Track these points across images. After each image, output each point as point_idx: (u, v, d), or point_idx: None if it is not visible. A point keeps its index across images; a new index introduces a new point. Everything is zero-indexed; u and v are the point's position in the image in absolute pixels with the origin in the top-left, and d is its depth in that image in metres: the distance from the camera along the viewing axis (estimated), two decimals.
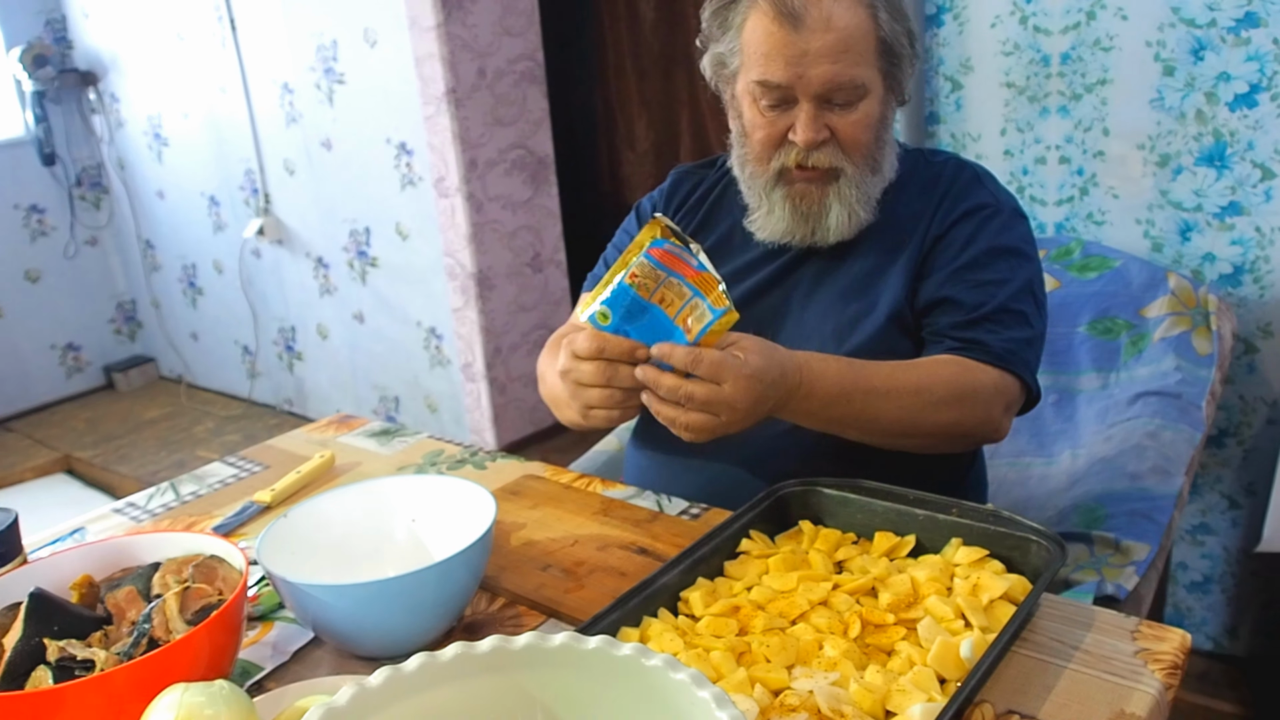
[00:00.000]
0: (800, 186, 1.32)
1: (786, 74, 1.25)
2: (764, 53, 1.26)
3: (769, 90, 1.27)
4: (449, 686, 0.75)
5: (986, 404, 1.24)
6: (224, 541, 1.00)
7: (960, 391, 1.22)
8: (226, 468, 1.52)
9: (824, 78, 1.24)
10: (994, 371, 1.25)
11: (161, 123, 4.13)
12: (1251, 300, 2.06)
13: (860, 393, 1.18)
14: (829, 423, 1.21)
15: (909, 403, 1.20)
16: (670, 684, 0.70)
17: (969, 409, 1.23)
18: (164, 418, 4.36)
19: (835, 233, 1.33)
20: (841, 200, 1.31)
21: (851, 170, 1.30)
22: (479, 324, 3.34)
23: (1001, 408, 1.26)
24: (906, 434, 1.23)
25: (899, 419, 1.20)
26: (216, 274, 4.26)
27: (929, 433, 1.23)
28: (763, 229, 1.37)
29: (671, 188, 1.53)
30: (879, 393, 1.19)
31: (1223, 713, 2.19)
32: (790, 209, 1.34)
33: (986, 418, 1.25)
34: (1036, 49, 2.13)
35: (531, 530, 1.23)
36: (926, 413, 1.20)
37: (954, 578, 1.00)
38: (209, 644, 0.89)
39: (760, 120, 1.31)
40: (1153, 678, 0.89)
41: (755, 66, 1.27)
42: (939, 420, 1.21)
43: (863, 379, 1.18)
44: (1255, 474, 2.16)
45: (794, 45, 1.23)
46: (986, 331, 1.28)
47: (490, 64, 3.16)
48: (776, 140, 1.31)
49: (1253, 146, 1.97)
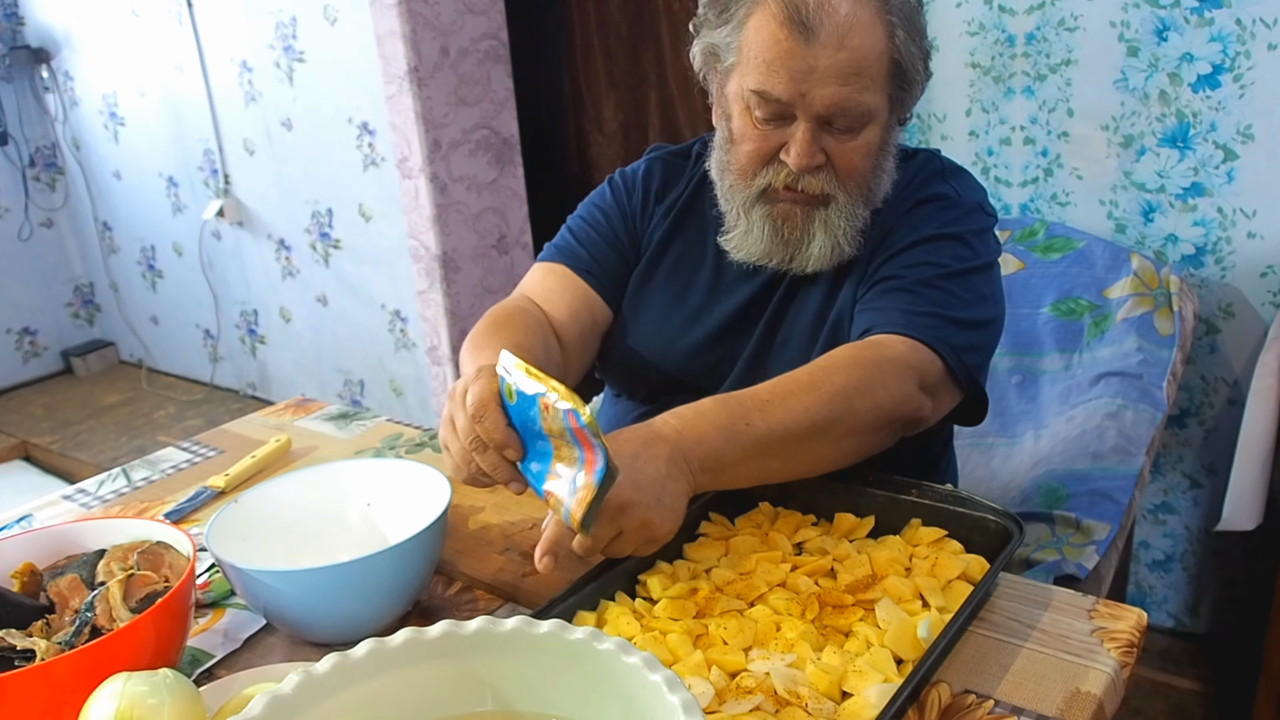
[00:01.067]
0: (784, 207, 1.22)
1: (789, 90, 1.13)
2: (766, 60, 1.13)
3: (766, 103, 1.15)
4: (399, 672, 0.73)
5: (898, 378, 1.09)
6: (171, 527, 0.98)
7: (863, 369, 1.08)
8: (180, 453, 1.49)
9: (829, 100, 1.13)
10: (900, 340, 1.13)
11: (117, 101, 4.06)
12: (1213, 281, 2.07)
13: (755, 410, 1.02)
14: (746, 459, 1.01)
15: (812, 400, 1.03)
16: (623, 667, 0.69)
17: (880, 387, 1.07)
18: (124, 403, 4.30)
19: (815, 263, 1.23)
20: (827, 230, 1.21)
21: (843, 199, 1.20)
22: (444, 307, 3.31)
23: (915, 382, 1.11)
24: (831, 436, 1.06)
25: (813, 422, 1.03)
26: (176, 256, 4.20)
27: (851, 427, 1.06)
28: (738, 249, 1.27)
29: (646, 175, 1.41)
30: (776, 400, 1.03)
31: (1184, 690, 2.21)
32: (770, 231, 1.23)
33: (903, 395, 1.09)
34: (1001, 29, 2.13)
35: (490, 514, 1.22)
36: (837, 404, 1.04)
37: (913, 558, 1.00)
38: (154, 632, 0.87)
39: (751, 132, 1.19)
40: (1109, 656, 0.88)
41: (755, 73, 1.15)
42: (854, 408, 1.05)
43: (747, 397, 1.04)
44: (1216, 454, 2.18)
45: (801, 59, 1.11)
46: (901, 301, 1.17)
47: (453, 42, 3.12)
48: (766, 157, 1.20)
49: (1215, 128, 1.97)
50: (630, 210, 1.40)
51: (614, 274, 1.38)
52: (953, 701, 0.85)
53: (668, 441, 0.96)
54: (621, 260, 1.38)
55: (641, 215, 1.40)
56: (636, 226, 1.39)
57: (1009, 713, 0.83)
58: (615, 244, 1.38)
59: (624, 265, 1.39)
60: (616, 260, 1.38)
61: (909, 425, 1.15)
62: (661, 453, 0.95)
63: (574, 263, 1.36)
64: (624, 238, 1.39)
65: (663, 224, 1.38)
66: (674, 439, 0.97)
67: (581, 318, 1.34)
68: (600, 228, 1.39)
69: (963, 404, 1.22)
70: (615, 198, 1.41)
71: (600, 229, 1.39)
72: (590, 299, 1.35)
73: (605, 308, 1.37)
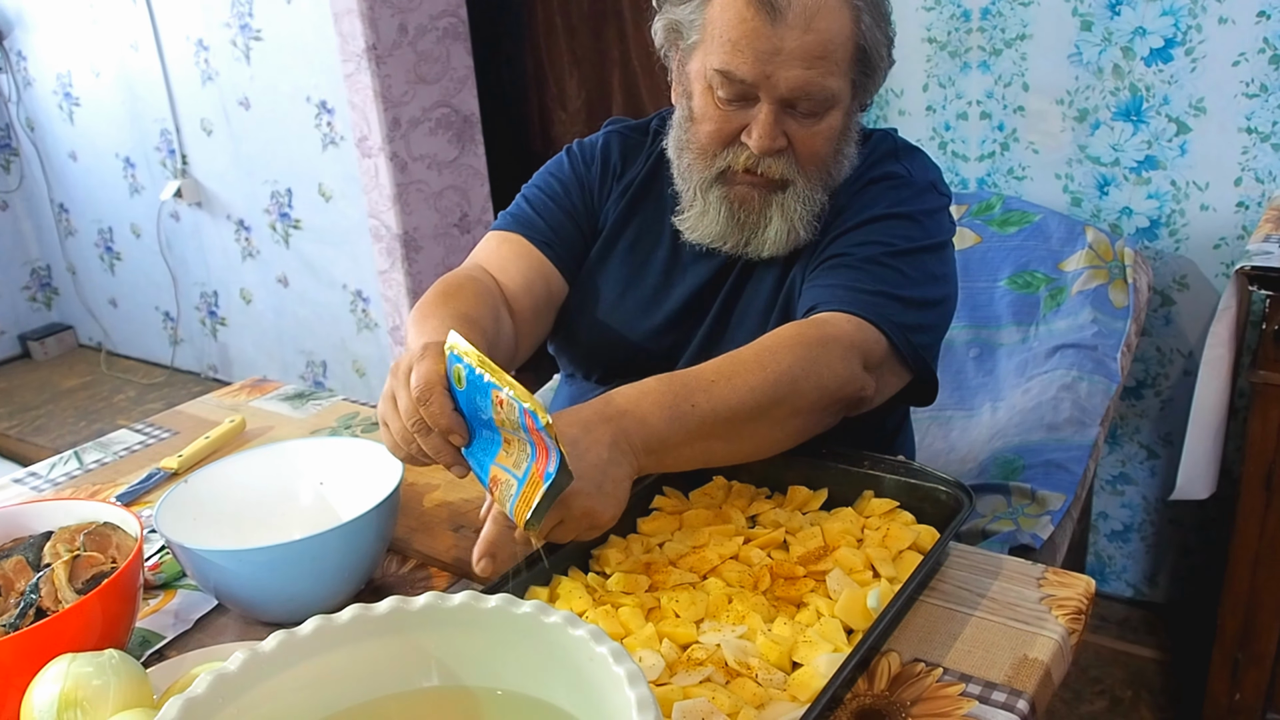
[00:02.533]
0: (742, 190, 1.21)
1: (753, 71, 1.11)
2: (732, 40, 1.12)
3: (730, 83, 1.14)
4: (347, 649, 0.73)
5: (843, 357, 1.07)
6: (119, 508, 0.97)
7: (807, 348, 1.05)
8: (133, 434, 1.47)
9: (793, 83, 1.12)
10: (846, 318, 1.12)
11: (72, 81, 3.99)
12: (1168, 253, 2.09)
13: (699, 390, 0.99)
14: (690, 441, 0.98)
15: (757, 380, 1.01)
16: (570, 640, 0.69)
17: (825, 367, 1.05)
18: (82, 387, 4.25)
19: (770, 247, 1.22)
20: (784, 214, 1.20)
21: (802, 184, 1.19)
22: (406, 286, 3.29)
23: (859, 361, 1.09)
24: (775, 417, 1.03)
25: (758, 403, 1.01)
26: (134, 238, 4.14)
27: (795, 408, 1.04)
28: (693, 230, 1.25)
29: (605, 149, 1.39)
30: (721, 380, 1.00)
31: (1143, 658, 2.24)
32: (727, 213, 1.22)
33: (848, 374, 1.07)
34: (957, 4, 2.13)
35: (445, 491, 1.21)
36: (783, 385, 1.02)
37: (865, 529, 1.00)
38: (101, 613, 0.86)
39: (713, 112, 1.17)
40: (1056, 623, 0.89)
41: (719, 52, 1.13)
42: (800, 389, 1.03)
43: (691, 377, 1.01)
44: (1172, 424, 2.21)
45: (767, 39, 1.10)
46: (846, 278, 1.16)
47: (411, 20, 3.09)
48: (727, 138, 1.18)
49: (1168, 101, 1.99)
50: (589, 183, 1.38)
51: (571, 246, 1.35)
52: (902, 670, 0.86)
53: (611, 424, 0.93)
54: (579, 232, 1.36)
55: (600, 189, 1.38)
56: (594, 200, 1.38)
57: (957, 680, 0.84)
58: (572, 215, 1.36)
59: (581, 237, 1.37)
60: (574, 232, 1.36)
61: (852, 405, 1.13)
62: (604, 437, 0.92)
63: (530, 233, 1.33)
64: (581, 210, 1.37)
65: (620, 201, 1.37)
66: (617, 420, 0.94)
67: (536, 289, 1.31)
68: (558, 198, 1.36)
69: (912, 384, 1.21)
70: (574, 169, 1.39)
71: (558, 199, 1.36)
72: (546, 270, 1.33)
73: (561, 280, 1.35)
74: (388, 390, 0.94)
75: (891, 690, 0.83)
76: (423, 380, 0.88)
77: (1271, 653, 1.74)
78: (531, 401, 0.80)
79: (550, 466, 0.82)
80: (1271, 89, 1.89)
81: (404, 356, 0.93)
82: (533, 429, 0.81)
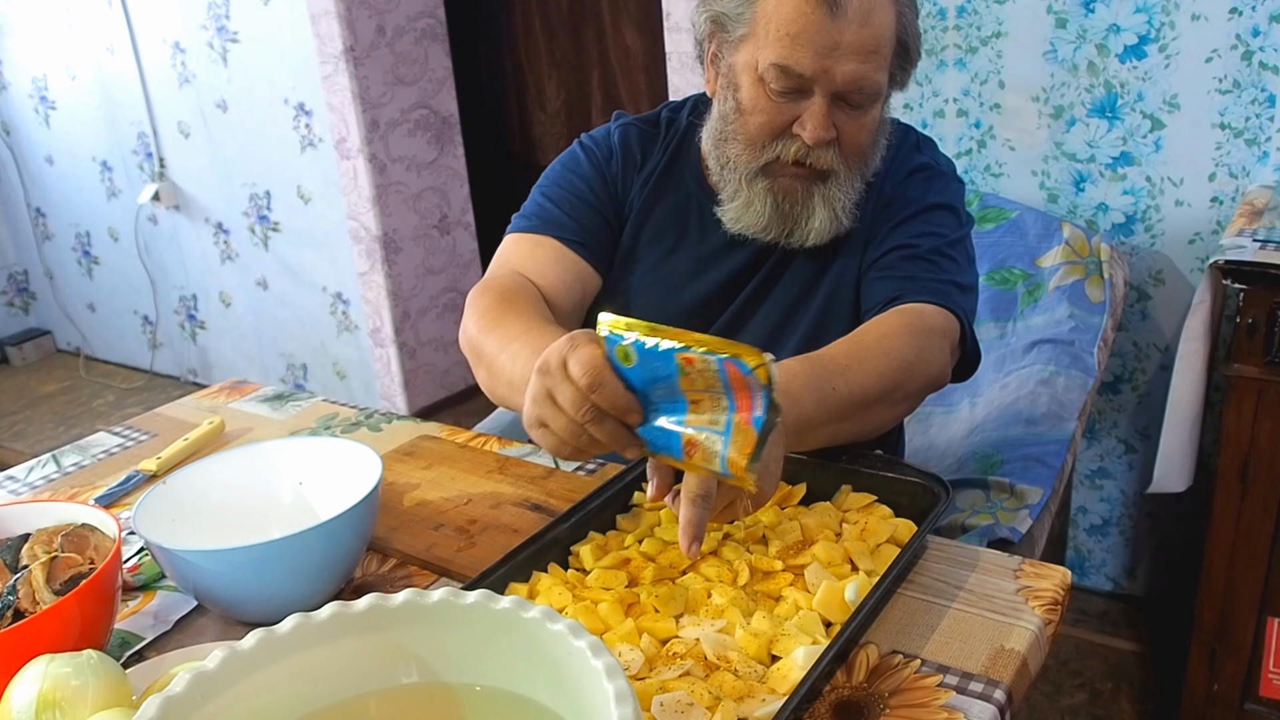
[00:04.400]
0: (786, 182, 1.22)
1: (813, 65, 1.12)
2: (791, 34, 1.12)
3: (786, 76, 1.14)
4: (326, 647, 0.73)
5: (941, 347, 1.16)
6: (97, 510, 0.97)
7: (919, 337, 1.13)
8: (112, 437, 1.47)
9: (849, 76, 1.13)
10: (936, 310, 1.18)
11: (48, 84, 3.97)
12: (1144, 249, 2.10)
13: (837, 374, 1.04)
14: (828, 422, 1.03)
15: (885, 365, 1.08)
16: (548, 635, 0.69)
17: (932, 356, 1.13)
18: (61, 392, 4.23)
19: (815, 236, 1.24)
20: (827, 203, 1.22)
21: (844, 173, 1.22)
22: (386, 288, 3.29)
23: (949, 351, 1.18)
24: (892, 401, 1.10)
25: (884, 388, 1.07)
26: (112, 242, 4.12)
27: (908, 392, 1.12)
28: (737, 221, 1.26)
29: (623, 141, 1.38)
30: (854, 365, 1.06)
31: (1122, 650, 2.26)
32: (772, 205, 1.23)
33: (944, 363, 1.16)
34: (933, 2, 2.14)
35: (425, 490, 1.21)
36: (902, 370, 1.09)
37: (843, 523, 1.01)
38: (79, 615, 0.86)
39: (765, 104, 1.18)
40: (1033, 614, 0.90)
41: (776, 46, 1.13)
42: (915, 374, 1.11)
43: (828, 360, 1.06)
44: (1149, 418, 2.22)
45: (828, 34, 1.11)
46: (922, 270, 1.22)
47: (389, 21, 3.09)
48: (779, 130, 1.19)
49: (1142, 97, 2.00)
50: (610, 176, 1.37)
51: (603, 241, 1.35)
52: (880, 662, 0.86)
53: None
54: (607, 227, 1.35)
55: (622, 182, 1.37)
56: (618, 192, 1.37)
57: (935, 671, 0.85)
58: (599, 210, 1.35)
59: (609, 231, 1.36)
60: (603, 227, 1.35)
61: (936, 391, 1.20)
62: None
63: (562, 233, 1.32)
64: (608, 204, 1.36)
65: (642, 193, 1.36)
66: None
67: (574, 291, 1.31)
68: (583, 194, 1.35)
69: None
70: (593, 164, 1.37)
71: (583, 196, 1.35)
72: (582, 270, 1.32)
73: (595, 276, 1.34)
74: (539, 392, 0.90)
75: (870, 682, 0.84)
76: (590, 367, 0.85)
77: (1248, 644, 1.75)
78: (734, 348, 0.78)
79: (758, 411, 0.80)
80: (1244, 85, 1.90)
81: (549, 353, 0.89)
82: (735, 377, 0.79)
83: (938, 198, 1.29)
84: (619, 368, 0.85)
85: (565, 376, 0.86)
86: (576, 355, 0.85)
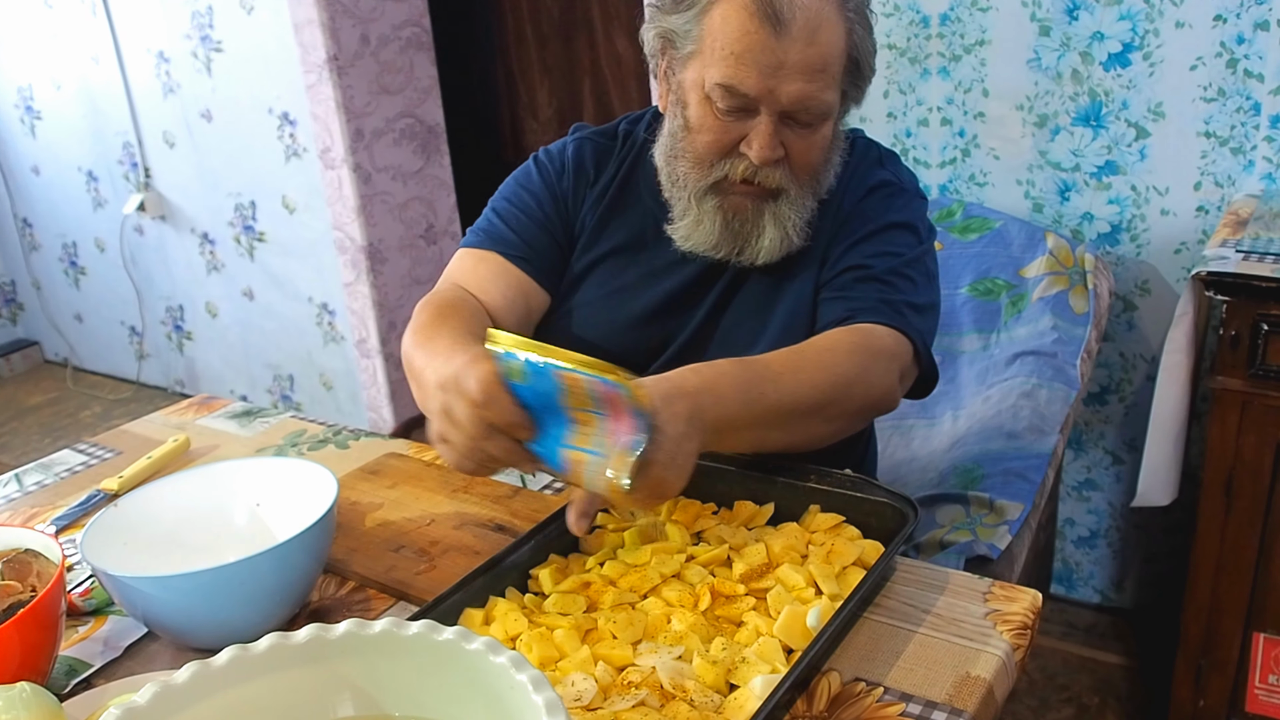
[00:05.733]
0: (736, 200, 1.21)
1: (757, 85, 1.11)
2: (735, 53, 1.11)
3: (732, 96, 1.13)
4: (264, 679, 0.71)
5: (886, 369, 1.14)
6: (40, 534, 0.94)
7: (861, 356, 1.12)
8: (75, 455, 1.44)
9: (795, 95, 1.12)
10: (887, 331, 1.16)
11: (33, 95, 3.95)
12: (1129, 259, 2.08)
13: (769, 380, 1.03)
14: (753, 426, 1.03)
15: (820, 378, 1.07)
16: (491, 667, 0.67)
17: (874, 377, 1.12)
18: (48, 403, 4.20)
19: (765, 255, 1.23)
20: (778, 222, 1.21)
21: (795, 192, 1.20)
22: (372, 298, 3.26)
23: (898, 374, 1.16)
24: (826, 416, 1.09)
25: (816, 400, 1.06)
26: (99, 252, 4.10)
27: (843, 409, 1.10)
28: (687, 239, 1.25)
29: (577, 156, 1.37)
30: (788, 373, 1.05)
31: (1110, 664, 2.24)
32: (721, 223, 1.22)
33: (888, 386, 1.14)
34: (916, 10, 2.12)
35: (388, 510, 1.19)
36: (839, 386, 1.08)
37: (810, 544, 0.98)
38: (19, 643, 0.83)
39: (713, 123, 1.17)
40: (1000, 639, 0.88)
41: (721, 65, 1.12)
42: (852, 393, 1.09)
43: (761, 365, 1.05)
44: (1136, 430, 2.20)
45: (772, 53, 1.10)
46: (877, 291, 1.20)
47: (373, 30, 3.07)
48: (726, 148, 1.18)
49: (1127, 106, 1.98)
50: (561, 192, 1.35)
51: (548, 258, 1.34)
52: (842, 690, 0.84)
53: (689, 399, 0.95)
54: (554, 243, 1.34)
55: (574, 197, 1.36)
56: (568, 209, 1.35)
57: (897, 699, 0.82)
58: (547, 227, 1.34)
59: (557, 248, 1.34)
60: (549, 244, 1.34)
61: (881, 413, 1.20)
62: (682, 411, 0.93)
63: (506, 249, 1.31)
64: (556, 220, 1.34)
65: (596, 208, 1.35)
66: (695, 396, 0.96)
67: (517, 306, 1.30)
68: (530, 211, 1.34)
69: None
70: (544, 179, 1.36)
71: (530, 212, 1.34)
72: (525, 285, 1.31)
73: (541, 293, 1.33)
74: (439, 408, 0.93)
75: (830, 711, 0.82)
76: (481, 382, 0.88)
77: (1235, 659, 1.73)
78: (606, 369, 0.83)
79: (635, 434, 0.84)
80: (1229, 93, 1.88)
81: (446, 371, 0.92)
82: (612, 398, 0.83)
83: (897, 216, 1.26)
84: (512, 385, 0.88)
85: (462, 393, 0.89)
86: (471, 371, 0.88)
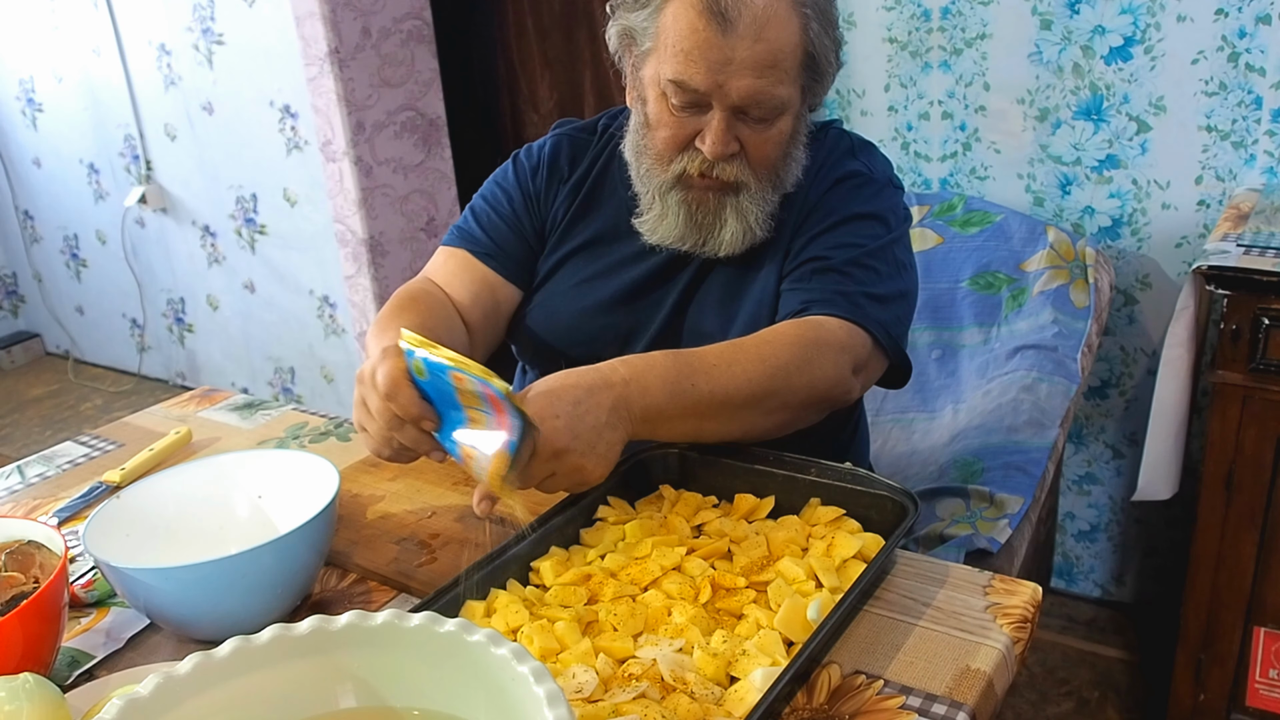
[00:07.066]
0: (698, 194, 1.23)
1: (706, 80, 1.14)
2: (684, 50, 1.14)
3: (683, 91, 1.16)
4: (266, 670, 0.71)
5: (835, 361, 1.14)
6: (43, 526, 0.95)
7: (803, 347, 1.11)
8: (77, 447, 1.45)
9: (745, 91, 1.14)
10: (839, 324, 1.16)
11: (34, 87, 3.94)
12: (1130, 252, 2.08)
13: (701, 372, 1.05)
14: (684, 417, 1.05)
15: (756, 371, 1.07)
16: (492, 659, 0.67)
17: (818, 368, 1.12)
18: (49, 395, 4.20)
19: (727, 247, 1.25)
20: (739, 215, 1.23)
21: (755, 186, 1.22)
22: (372, 292, 3.26)
23: (850, 365, 1.16)
24: (766, 408, 1.10)
25: (752, 392, 1.07)
26: (100, 245, 4.10)
27: (785, 401, 1.10)
28: (653, 231, 1.28)
29: (553, 153, 1.40)
30: (722, 366, 1.07)
31: (1110, 658, 2.24)
32: (685, 216, 1.24)
33: (837, 377, 1.14)
34: (917, 3, 2.12)
35: (390, 503, 1.19)
36: (777, 378, 1.08)
37: (810, 538, 0.99)
38: (21, 635, 0.84)
39: (668, 119, 1.20)
40: (1000, 632, 0.88)
41: (672, 62, 1.15)
42: (792, 384, 1.09)
43: (695, 358, 1.07)
44: (1137, 424, 2.20)
45: (719, 49, 1.12)
46: (833, 282, 1.21)
47: (375, 23, 3.07)
48: (682, 143, 1.21)
49: (1128, 99, 1.98)
50: (534, 190, 1.39)
51: (515, 255, 1.38)
52: (842, 683, 0.84)
53: (613, 390, 0.99)
54: (522, 241, 1.38)
55: (545, 194, 1.39)
56: (540, 206, 1.39)
57: (898, 692, 0.82)
58: (515, 225, 1.38)
59: (525, 246, 1.39)
60: (516, 242, 1.38)
61: (836, 405, 1.19)
62: (605, 401, 0.97)
63: (473, 247, 1.37)
64: (525, 218, 1.39)
65: (570, 201, 1.38)
66: (620, 388, 0.99)
67: (483, 300, 1.35)
68: (501, 209, 1.39)
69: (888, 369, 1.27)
70: (518, 177, 1.41)
71: (501, 211, 1.39)
72: (492, 281, 1.36)
73: (509, 288, 1.38)
74: (358, 398, 1.00)
75: (831, 704, 0.82)
76: (387, 377, 0.94)
77: (1235, 653, 1.73)
78: (484, 373, 0.88)
79: (511, 435, 0.88)
80: (1230, 87, 1.88)
81: (366, 364, 0.99)
82: (493, 399, 0.88)
83: (862, 206, 1.27)
84: (417, 381, 0.94)
85: (373, 386, 0.96)
86: (381, 366, 0.95)
